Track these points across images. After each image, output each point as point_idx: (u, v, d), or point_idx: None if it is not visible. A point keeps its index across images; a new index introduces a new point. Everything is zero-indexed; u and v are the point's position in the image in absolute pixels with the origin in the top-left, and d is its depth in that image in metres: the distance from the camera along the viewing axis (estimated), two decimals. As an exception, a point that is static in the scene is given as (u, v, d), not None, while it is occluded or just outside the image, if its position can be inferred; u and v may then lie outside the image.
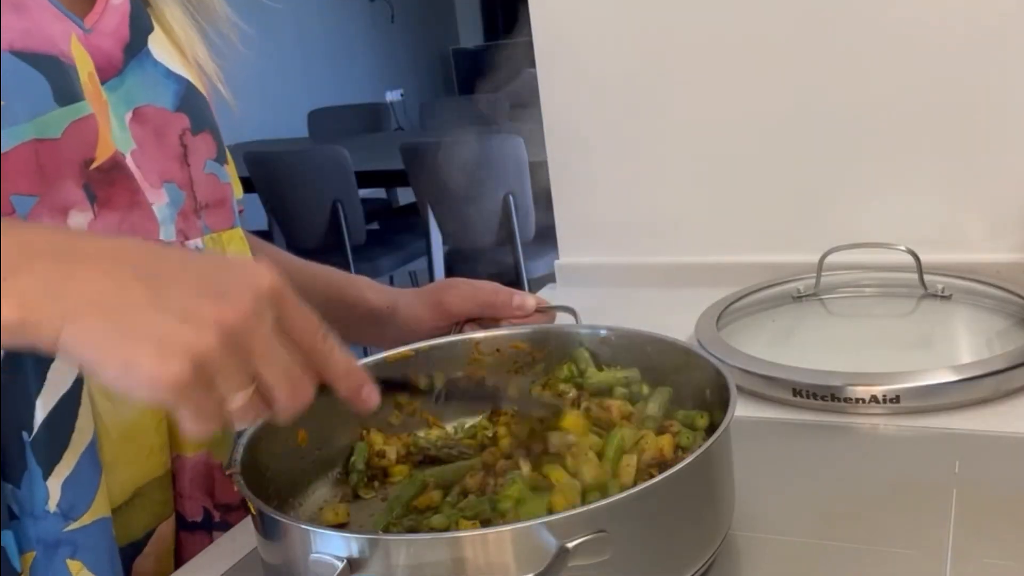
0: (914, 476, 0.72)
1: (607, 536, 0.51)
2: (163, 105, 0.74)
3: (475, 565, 0.51)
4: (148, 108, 0.73)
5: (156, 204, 0.72)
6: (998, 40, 1.04)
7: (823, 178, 1.16)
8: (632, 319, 0.80)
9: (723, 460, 0.61)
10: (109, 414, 0.69)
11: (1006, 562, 0.60)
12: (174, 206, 0.74)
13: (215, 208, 0.79)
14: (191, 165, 0.76)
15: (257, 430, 0.66)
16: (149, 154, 0.72)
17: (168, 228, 0.73)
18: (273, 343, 0.49)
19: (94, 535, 0.67)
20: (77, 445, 0.66)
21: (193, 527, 0.77)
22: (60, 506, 0.66)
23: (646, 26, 1.19)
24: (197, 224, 0.76)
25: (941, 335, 1.00)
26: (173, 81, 0.75)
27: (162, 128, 0.74)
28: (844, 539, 0.64)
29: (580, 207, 1.30)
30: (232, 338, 0.47)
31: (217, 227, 0.79)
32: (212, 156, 0.79)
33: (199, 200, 0.77)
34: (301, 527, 0.55)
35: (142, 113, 0.72)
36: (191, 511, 0.76)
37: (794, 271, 1.10)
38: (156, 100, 0.74)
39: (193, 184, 0.76)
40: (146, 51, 0.74)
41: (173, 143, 0.74)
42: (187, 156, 0.75)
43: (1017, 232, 1.08)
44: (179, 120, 0.75)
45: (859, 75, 1.11)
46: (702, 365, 0.70)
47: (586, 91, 1.24)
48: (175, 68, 0.76)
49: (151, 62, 0.74)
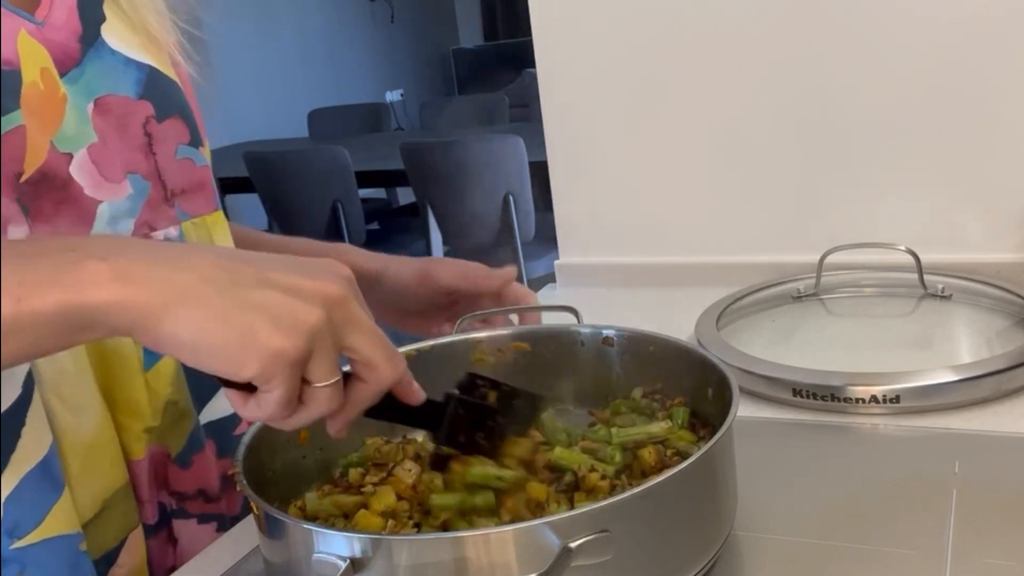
0: (914, 476, 0.73)
1: (610, 536, 0.51)
2: (125, 93, 0.73)
3: (477, 565, 0.51)
4: (110, 98, 0.72)
5: (114, 199, 0.71)
6: (999, 41, 1.04)
7: (823, 178, 1.16)
8: (632, 319, 0.80)
9: (725, 460, 0.62)
10: (72, 430, 0.69)
11: (1006, 562, 0.60)
12: (139, 197, 0.73)
13: (193, 193, 0.78)
14: (157, 153, 0.75)
15: (259, 429, 0.66)
16: (111, 146, 0.72)
17: (121, 224, 0.72)
18: (367, 316, 0.52)
19: (46, 553, 0.67)
20: (20, 464, 0.66)
21: (155, 530, 0.76)
22: (3, 525, 0.65)
23: (646, 26, 1.19)
24: (169, 212, 0.76)
25: (941, 335, 1.00)
26: (134, 68, 0.74)
27: (124, 118, 0.73)
28: (844, 539, 0.64)
29: (580, 207, 1.30)
30: (334, 311, 0.50)
31: (197, 212, 0.78)
32: (185, 141, 0.77)
33: (171, 188, 0.76)
34: (304, 527, 0.55)
35: (104, 103, 0.72)
36: (149, 515, 0.76)
37: (794, 271, 1.10)
38: (117, 89, 0.73)
39: (161, 172, 0.75)
40: (101, 40, 0.73)
41: (136, 133, 0.74)
42: (152, 145, 0.74)
43: (1017, 232, 1.08)
44: (142, 108, 0.74)
45: (859, 75, 1.11)
46: (704, 365, 0.70)
47: (586, 91, 1.24)
48: (134, 55, 0.75)
49: (108, 51, 0.73)
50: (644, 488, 0.54)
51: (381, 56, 6.42)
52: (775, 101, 1.15)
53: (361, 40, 6.25)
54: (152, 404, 0.74)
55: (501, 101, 4.65)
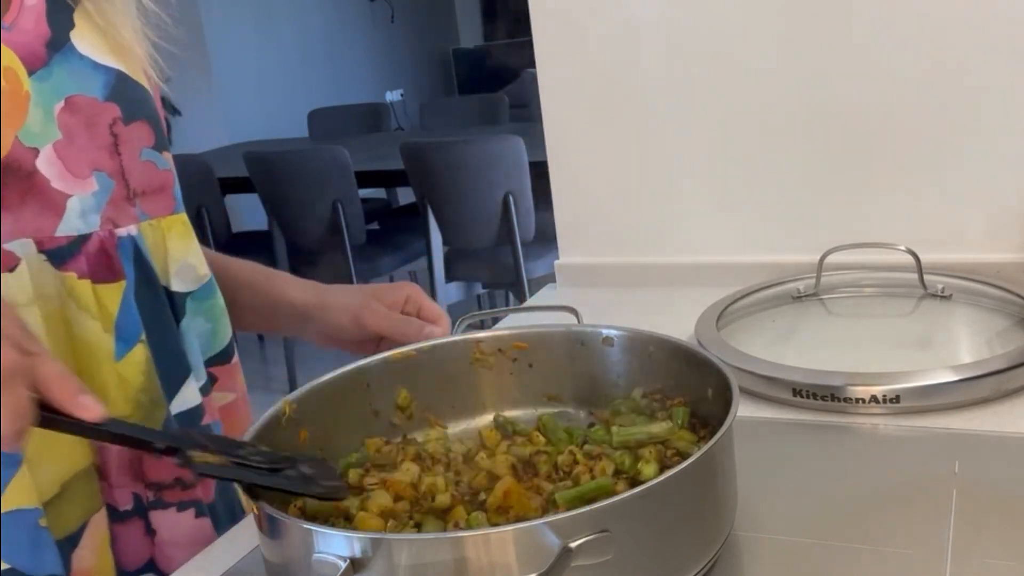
0: (914, 476, 0.73)
1: (610, 536, 0.51)
2: (93, 95, 0.76)
3: (477, 565, 0.51)
4: (79, 98, 0.75)
5: (81, 193, 0.74)
6: (999, 41, 1.04)
7: (823, 178, 1.16)
8: (632, 319, 0.80)
9: (725, 460, 0.62)
10: None
11: (1006, 562, 0.60)
12: (104, 194, 0.76)
13: (153, 195, 0.81)
14: (122, 154, 0.78)
15: (259, 430, 0.66)
16: (78, 143, 0.75)
17: (90, 218, 0.75)
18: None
19: (8, 524, 0.69)
20: None
21: (125, 516, 0.78)
22: None
23: (646, 26, 1.19)
24: (131, 212, 0.78)
25: (941, 335, 1.00)
26: (102, 72, 0.77)
27: (92, 118, 0.76)
28: (844, 539, 0.64)
29: (580, 207, 1.30)
30: None
31: (156, 213, 0.81)
32: (149, 144, 0.80)
33: (133, 188, 0.78)
34: (304, 527, 0.55)
35: (73, 103, 0.75)
36: (121, 500, 0.78)
37: (794, 271, 1.10)
38: (86, 90, 0.76)
39: (125, 172, 0.78)
40: (70, 46, 0.76)
41: (103, 132, 0.76)
42: (118, 145, 0.77)
43: (1017, 232, 1.08)
44: (109, 110, 0.77)
45: (859, 75, 1.11)
46: (704, 365, 0.70)
47: (586, 91, 1.24)
48: (103, 60, 0.78)
49: (76, 55, 0.76)
50: (644, 488, 0.54)
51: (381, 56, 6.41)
52: (775, 101, 1.15)
53: (361, 40, 6.25)
54: (123, 393, 0.76)
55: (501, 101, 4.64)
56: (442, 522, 0.63)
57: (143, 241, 0.79)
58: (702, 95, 1.19)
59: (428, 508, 0.64)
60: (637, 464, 0.66)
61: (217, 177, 3.53)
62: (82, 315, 0.74)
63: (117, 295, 0.76)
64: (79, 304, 0.74)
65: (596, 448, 0.69)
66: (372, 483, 0.68)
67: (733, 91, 1.17)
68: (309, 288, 0.95)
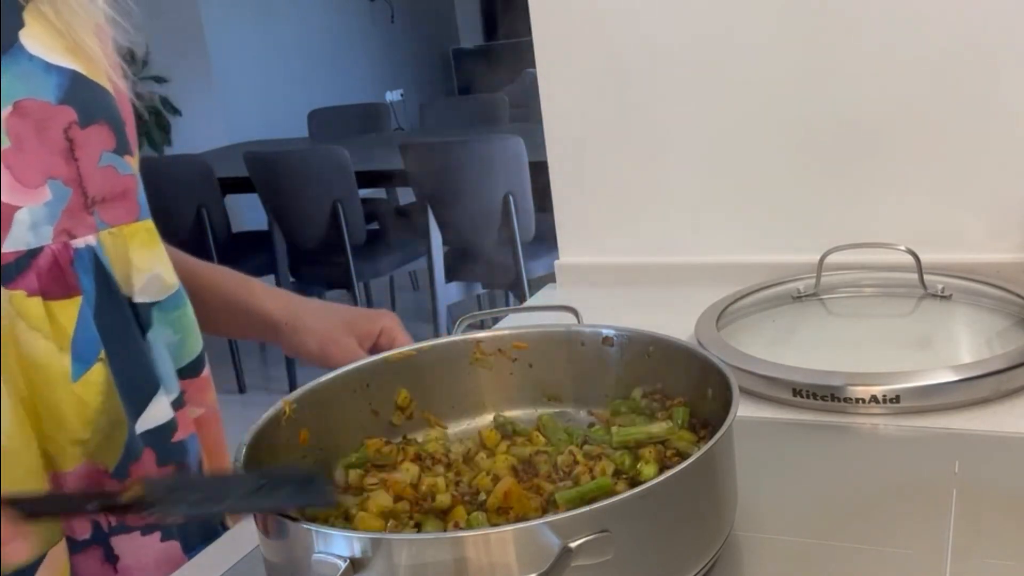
0: (914, 476, 0.73)
1: (610, 536, 0.51)
2: (45, 99, 0.71)
3: (477, 565, 0.51)
4: (28, 102, 0.71)
5: (31, 204, 0.70)
6: (999, 40, 1.04)
7: (823, 178, 1.16)
8: (632, 319, 0.80)
9: (725, 460, 0.62)
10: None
11: (1006, 562, 0.60)
12: (58, 203, 0.71)
13: (114, 202, 0.76)
14: (79, 159, 0.73)
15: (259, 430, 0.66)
16: (29, 150, 0.70)
17: (42, 230, 0.71)
18: None
19: None
20: None
21: (85, 546, 0.75)
22: None
23: (645, 26, 1.19)
24: (89, 220, 0.74)
25: (941, 335, 1.00)
26: (55, 74, 0.73)
27: (44, 122, 0.71)
28: (844, 539, 0.64)
29: (580, 207, 1.30)
30: None
31: (117, 221, 0.76)
32: (109, 148, 0.76)
33: (91, 195, 0.74)
34: (304, 527, 0.55)
35: (22, 107, 0.70)
36: (79, 529, 0.75)
37: (794, 271, 1.10)
38: (36, 94, 0.71)
39: (82, 179, 0.73)
40: (18, 46, 0.71)
41: (56, 137, 0.72)
42: (74, 150, 0.72)
43: (1017, 232, 1.08)
44: (63, 113, 0.72)
45: (860, 76, 1.11)
46: (704, 365, 0.70)
47: (586, 91, 1.24)
48: (57, 60, 0.73)
49: (26, 56, 0.72)
50: (644, 488, 0.54)
51: (381, 56, 6.42)
52: (776, 101, 1.15)
53: (361, 40, 6.25)
54: (81, 415, 0.72)
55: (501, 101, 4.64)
56: (442, 522, 0.63)
57: (103, 251, 0.75)
58: (702, 95, 1.19)
59: (428, 508, 0.64)
60: (637, 464, 0.66)
61: (217, 177, 3.52)
62: (33, 335, 0.70)
63: (73, 311, 0.72)
64: (30, 323, 0.70)
65: (596, 448, 0.69)
66: (372, 483, 0.68)
67: (733, 91, 1.17)
68: (283, 302, 0.93)
